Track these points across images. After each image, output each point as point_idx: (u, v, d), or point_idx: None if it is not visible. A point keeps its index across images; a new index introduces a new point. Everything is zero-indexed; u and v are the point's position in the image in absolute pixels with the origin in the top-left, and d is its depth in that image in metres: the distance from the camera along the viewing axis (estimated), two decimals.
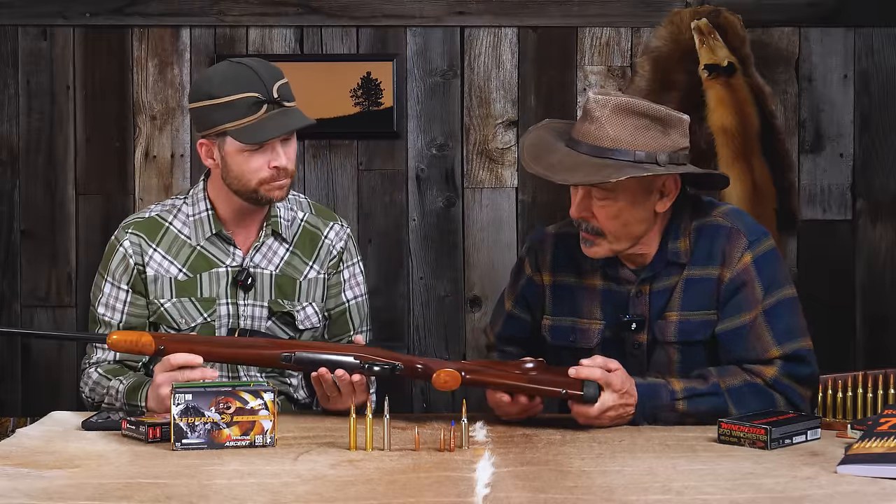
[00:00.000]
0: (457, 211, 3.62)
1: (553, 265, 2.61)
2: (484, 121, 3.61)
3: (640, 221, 2.44)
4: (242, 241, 2.67)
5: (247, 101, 2.51)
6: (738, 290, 2.44)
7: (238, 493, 1.86)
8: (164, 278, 2.64)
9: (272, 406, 2.17)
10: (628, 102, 2.40)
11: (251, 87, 2.51)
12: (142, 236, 2.65)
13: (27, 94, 3.58)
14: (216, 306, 2.64)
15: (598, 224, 2.43)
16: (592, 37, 3.60)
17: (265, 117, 2.52)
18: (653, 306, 2.49)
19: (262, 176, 2.55)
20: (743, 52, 3.49)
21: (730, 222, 2.49)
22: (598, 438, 2.26)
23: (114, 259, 2.66)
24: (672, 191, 2.45)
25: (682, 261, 2.48)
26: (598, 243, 2.45)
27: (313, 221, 2.75)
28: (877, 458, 1.95)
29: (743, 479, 1.94)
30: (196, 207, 2.67)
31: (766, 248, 2.48)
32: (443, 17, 3.59)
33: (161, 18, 3.57)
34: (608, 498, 1.84)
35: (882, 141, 3.63)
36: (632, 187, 2.40)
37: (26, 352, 3.60)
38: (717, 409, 2.36)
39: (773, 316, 2.44)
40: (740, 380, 2.40)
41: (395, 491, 1.87)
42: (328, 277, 2.74)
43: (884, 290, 3.64)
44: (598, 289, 2.55)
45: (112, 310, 2.65)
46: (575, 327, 2.56)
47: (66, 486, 1.89)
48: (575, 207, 2.45)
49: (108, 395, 2.56)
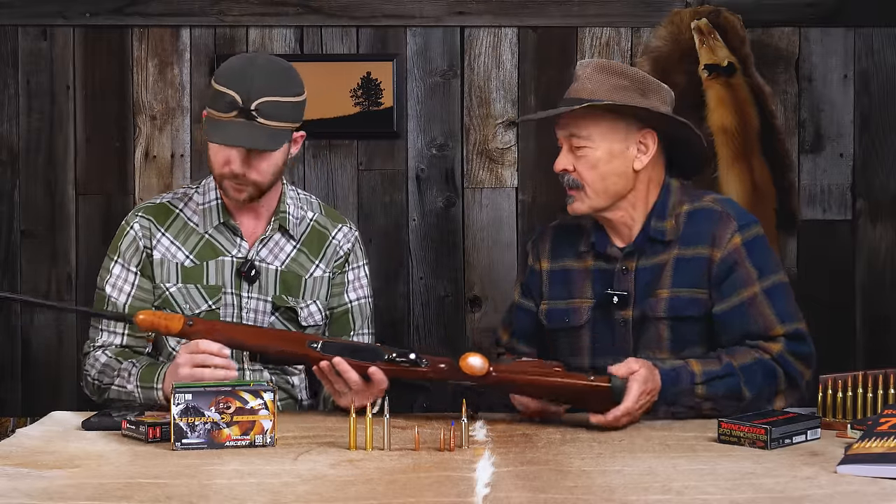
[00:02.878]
0: (457, 211, 3.62)
1: (551, 252, 2.72)
2: (484, 121, 3.61)
3: (617, 175, 2.57)
4: (249, 234, 2.70)
5: (225, 98, 2.53)
6: (730, 270, 2.54)
7: (238, 493, 1.86)
8: (170, 263, 2.66)
9: (272, 406, 2.17)
10: (609, 63, 2.61)
11: (237, 88, 2.52)
12: (151, 220, 2.69)
13: (27, 94, 3.58)
14: (221, 294, 2.66)
15: (578, 176, 2.56)
16: (592, 37, 3.60)
17: (230, 120, 2.52)
18: (638, 283, 2.58)
19: (220, 171, 2.60)
20: (743, 52, 3.49)
21: (720, 206, 2.60)
22: (598, 438, 2.26)
23: (123, 241, 2.69)
24: (650, 147, 2.58)
25: (666, 238, 2.58)
26: (578, 198, 2.58)
27: (322, 222, 2.78)
28: (877, 458, 1.95)
29: (743, 479, 1.94)
30: (206, 196, 2.70)
31: (755, 233, 2.59)
32: (443, 17, 3.59)
33: (161, 18, 3.57)
34: (608, 498, 1.84)
35: (882, 141, 3.63)
36: (607, 135, 2.55)
37: (26, 351, 3.60)
38: (732, 390, 2.45)
39: (772, 296, 2.54)
40: (751, 358, 2.49)
41: (395, 491, 1.87)
42: (333, 276, 2.75)
43: (884, 290, 3.64)
44: (590, 269, 2.65)
45: (119, 291, 2.66)
46: (569, 308, 2.65)
47: (66, 486, 1.89)
48: (557, 162, 2.60)
49: (118, 377, 2.55)
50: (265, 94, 2.52)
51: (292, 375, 2.73)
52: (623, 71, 2.57)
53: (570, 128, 2.57)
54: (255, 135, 2.52)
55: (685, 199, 2.62)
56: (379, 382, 2.38)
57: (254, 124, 2.52)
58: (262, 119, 2.52)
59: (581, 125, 2.55)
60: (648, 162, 2.58)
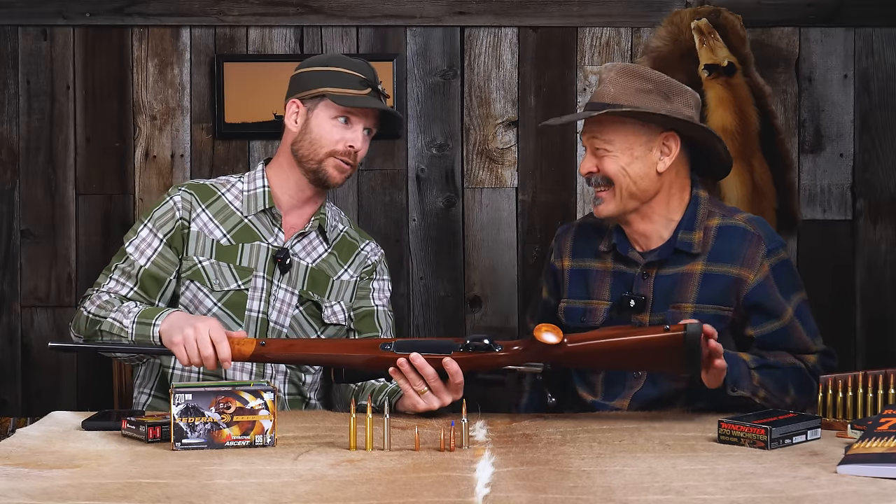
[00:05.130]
0: (457, 211, 3.62)
1: (573, 251, 2.76)
2: (484, 121, 3.61)
3: (642, 177, 2.58)
4: (287, 228, 2.77)
5: (355, 78, 2.70)
6: (764, 298, 2.58)
7: (238, 493, 1.86)
8: (206, 238, 2.72)
9: (272, 406, 2.17)
10: (634, 68, 2.62)
11: (361, 71, 2.70)
12: (194, 195, 2.77)
13: (27, 94, 3.58)
14: (252, 277, 2.70)
15: (606, 172, 2.59)
16: (592, 37, 3.60)
17: (367, 95, 2.69)
18: (657, 289, 2.60)
19: (336, 148, 2.70)
20: (743, 52, 3.49)
21: (752, 227, 2.63)
22: (598, 438, 2.27)
23: (160, 209, 2.75)
24: (672, 150, 2.60)
25: (693, 251, 2.60)
26: (606, 198, 2.60)
27: (353, 235, 2.88)
28: (877, 458, 1.95)
29: (743, 479, 1.94)
30: (252, 184, 2.79)
31: (782, 258, 2.63)
32: (443, 17, 3.59)
33: (161, 18, 3.57)
34: (608, 498, 1.84)
35: (882, 141, 3.63)
36: (629, 139, 2.57)
37: (26, 352, 3.60)
38: (780, 383, 2.50)
39: (801, 317, 2.61)
40: (790, 362, 2.56)
41: (395, 491, 1.87)
42: (359, 280, 2.82)
43: (884, 290, 3.64)
44: (609, 271, 2.68)
45: (140, 253, 2.71)
46: (586, 308, 2.69)
47: (66, 486, 1.89)
48: (582, 165, 2.64)
49: (117, 311, 2.58)
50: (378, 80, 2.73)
51: (306, 374, 2.75)
52: (647, 75, 2.59)
53: (594, 132, 2.60)
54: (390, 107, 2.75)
55: (715, 212, 2.65)
56: (454, 375, 2.36)
57: (384, 99, 2.74)
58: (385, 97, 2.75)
59: (604, 130, 2.58)
60: (671, 164, 2.60)
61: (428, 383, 2.37)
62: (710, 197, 2.69)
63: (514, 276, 3.62)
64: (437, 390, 2.38)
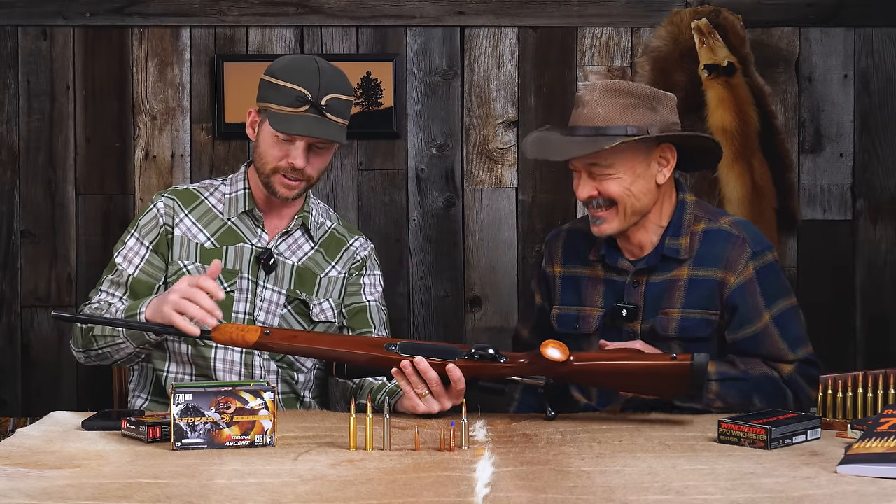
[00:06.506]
0: (457, 211, 3.62)
1: (564, 257, 2.74)
2: (484, 121, 3.61)
3: (644, 193, 2.56)
4: (271, 228, 2.76)
5: (293, 93, 2.60)
6: (743, 300, 2.56)
7: (238, 493, 1.86)
8: (190, 242, 2.73)
9: (272, 406, 2.17)
10: (615, 84, 2.55)
11: (304, 84, 2.60)
12: (176, 201, 2.77)
13: (27, 94, 3.58)
14: (237, 279, 2.70)
15: (610, 195, 2.54)
16: (592, 37, 3.60)
17: (301, 114, 2.60)
18: (647, 297, 2.60)
19: (278, 165, 2.65)
20: (743, 52, 3.49)
21: (737, 231, 2.61)
22: (598, 438, 2.26)
23: (144, 217, 2.76)
24: (670, 161, 2.58)
25: (680, 257, 2.59)
26: (608, 218, 2.57)
27: (340, 231, 2.86)
28: (877, 458, 1.95)
29: (743, 479, 1.94)
30: (234, 187, 2.78)
31: (768, 260, 2.60)
32: (443, 17, 3.59)
33: (161, 18, 3.57)
34: (608, 498, 1.84)
35: (882, 141, 3.63)
36: (630, 159, 2.53)
37: (26, 352, 3.60)
38: (743, 395, 2.49)
39: (781, 324, 2.57)
40: (762, 371, 2.53)
41: (395, 491, 1.87)
42: (349, 276, 2.81)
43: (884, 290, 3.64)
44: (600, 278, 2.67)
45: (128, 262, 2.72)
46: (579, 315, 2.67)
47: (66, 486, 1.89)
48: (580, 190, 2.58)
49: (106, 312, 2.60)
50: (331, 91, 2.61)
51: (299, 372, 2.75)
52: (629, 89, 2.54)
53: (591, 158, 2.53)
54: (326, 128, 2.61)
55: (701, 216, 2.64)
56: (457, 382, 2.37)
57: (324, 119, 2.61)
58: (330, 115, 2.61)
59: (602, 156, 2.52)
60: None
61: (430, 387, 2.38)
62: (697, 200, 2.68)
63: (513, 276, 3.62)
64: (438, 395, 2.39)
